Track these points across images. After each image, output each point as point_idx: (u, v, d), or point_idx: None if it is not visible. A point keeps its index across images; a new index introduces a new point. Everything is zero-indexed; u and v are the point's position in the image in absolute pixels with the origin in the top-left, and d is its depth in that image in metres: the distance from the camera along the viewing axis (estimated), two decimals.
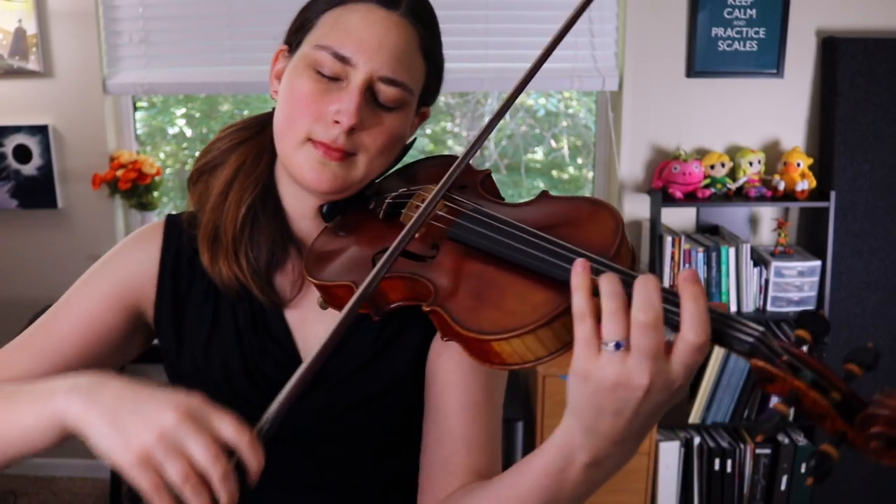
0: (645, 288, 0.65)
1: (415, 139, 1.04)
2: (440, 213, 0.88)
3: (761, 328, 0.66)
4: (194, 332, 0.99)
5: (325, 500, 0.99)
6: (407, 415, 0.98)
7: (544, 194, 0.90)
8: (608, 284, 0.66)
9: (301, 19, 0.96)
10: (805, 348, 0.66)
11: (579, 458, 0.71)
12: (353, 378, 0.96)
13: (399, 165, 1.06)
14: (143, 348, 1.05)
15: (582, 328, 0.66)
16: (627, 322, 0.65)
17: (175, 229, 1.03)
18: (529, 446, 2.85)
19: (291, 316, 1.00)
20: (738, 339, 0.65)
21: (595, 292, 0.67)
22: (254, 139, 1.01)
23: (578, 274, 0.68)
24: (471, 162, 0.91)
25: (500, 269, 0.78)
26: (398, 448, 0.99)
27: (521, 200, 0.92)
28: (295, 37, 0.96)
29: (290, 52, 0.96)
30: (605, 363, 0.65)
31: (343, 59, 0.89)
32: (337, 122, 0.89)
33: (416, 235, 0.86)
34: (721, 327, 0.66)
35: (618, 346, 0.65)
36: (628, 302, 0.65)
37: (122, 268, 1.01)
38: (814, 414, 0.63)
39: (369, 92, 0.90)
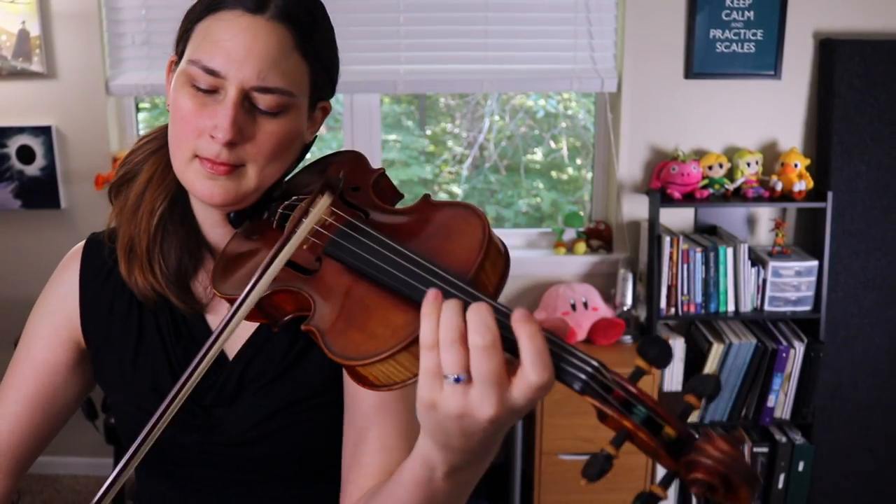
0: (478, 312, 0.62)
1: (315, 137, 1.00)
2: (327, 220, 0.83)
3: (595, 362, 0.62)
4: (121, 344, 1.01)
5: (256, 498, 1.00)
6: (332, 414, 0.98)
7: (426, 199, 0.84)
8: (446, 315, 0.63)
9: (182, 29, 0.93)
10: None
11: (440, 470, 0.71)
12: (277, 381, 0.97)
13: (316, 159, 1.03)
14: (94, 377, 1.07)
15: (428, 359, 0.63)
16: (467, 354, 0.62)
17: (95, 247, 1.05)
18: (529, 444, 2.87)
19: (214, 321, 1.01)
20: (571, 374, 0.62)
21: None
22: (163, 149, 0.99)
23: (429, 302, 0.64)
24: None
25: (370, 289, 0.75)
26: (327, 445, 0.99)
27: (404, 206, 0.88)
28: (179, 47, 0.93)
29: (177, 64, 0.94)
30: (448, 395, 0.62)
31: (213, 73, 0.86)
32: (214, 137, 0.87)
33: (304, 247, 0.82)
34: (556, 361, 0.62)
35: (457, 379, 0.62)
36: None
37: (52, 304, 1.05)
38: (646, 452, 0.61)
39: (247, 101, 0.87)
